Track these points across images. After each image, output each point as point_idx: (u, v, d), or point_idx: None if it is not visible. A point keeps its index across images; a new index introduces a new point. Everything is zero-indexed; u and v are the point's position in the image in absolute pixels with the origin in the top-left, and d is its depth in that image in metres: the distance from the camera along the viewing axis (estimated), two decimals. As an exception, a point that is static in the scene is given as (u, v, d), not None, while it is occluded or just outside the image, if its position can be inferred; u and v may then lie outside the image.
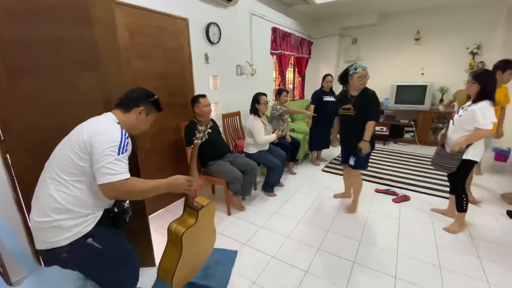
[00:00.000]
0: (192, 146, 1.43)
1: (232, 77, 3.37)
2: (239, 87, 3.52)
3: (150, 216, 2.37)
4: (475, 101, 1.91)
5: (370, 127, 2.14)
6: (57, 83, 1.34)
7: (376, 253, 1.93)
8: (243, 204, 2.57)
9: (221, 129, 3.04)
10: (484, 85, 1.86)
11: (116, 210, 1.24)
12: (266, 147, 2.84)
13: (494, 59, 4.49)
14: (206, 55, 2.83)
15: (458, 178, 2.09)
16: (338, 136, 2.58)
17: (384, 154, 4.35)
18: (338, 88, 3.02)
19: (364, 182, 3.19)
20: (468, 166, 2.02)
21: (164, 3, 2.30)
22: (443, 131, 2.19)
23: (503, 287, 1.61)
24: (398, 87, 4.93)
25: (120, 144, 1.07)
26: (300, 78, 5.69)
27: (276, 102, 3.34)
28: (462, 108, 2.03)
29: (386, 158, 4.13)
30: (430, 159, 2.30)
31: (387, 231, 2.19)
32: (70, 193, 1.05)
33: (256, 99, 2.78)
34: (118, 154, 1.05)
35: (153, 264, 1.81)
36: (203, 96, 2.34)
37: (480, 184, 3.04)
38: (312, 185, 3.14)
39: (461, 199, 2.10)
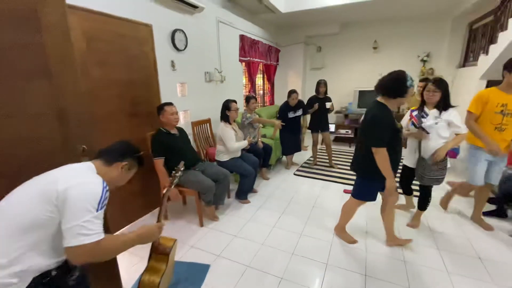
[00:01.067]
0: (168, 176, 1.36)
1: (200, 84, 3.32)
2: (209, 94, 3.48)
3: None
4: (443, 108, 1.98)
5: None
6: (-1, 94, 1.19)
7: (347, 253, 2.00)
8: (216, 214, 2.51)
9: (190, 137, 2.95)
10: (445, 91, 1.97)
11: (54, 273, 0.95)
12: (238, 154, 2.82)
13: (442, 66, 5.05)
14: (172, 62, 2.75)
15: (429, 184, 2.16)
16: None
17: (350, 156, 4.57)
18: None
19: (333, 183, 3.35)
20: None
21: (125, 9, 2.20)
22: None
23: (461, 275, 1.77)
24: (360, 92, 5.26)
25: (100, 198, 0.94)
26: (269, 85, 5.80)
27: (246, 109, 3.35)
28: (423, 116, 2.06)
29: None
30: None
31: (355, 230, 2.28)
32: (4, 251, 0.84)
33: (227, 106, 2.75)
34: (97, 211, 0.92)
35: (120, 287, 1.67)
36: (169, 104, 2.26)
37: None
38: (285, 189, 3.18)
39: (426, 200, 2.24)
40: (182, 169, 1.44)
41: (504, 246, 2.06)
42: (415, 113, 2.15)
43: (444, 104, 1.98)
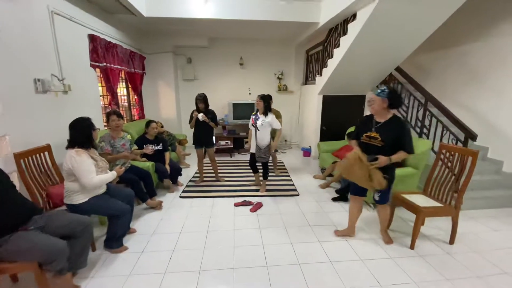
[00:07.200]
0: None
1: (28, 96, 2.29)
2: (45, 110, 2.47)
3: None
4: (265, 114, 3.16)
5: (401, 155, 1.96)
6: None
7: (250, 273, 1.91)
8: (76, 282, 1.76)
9: (15, 178, 1.96)
10: (265, 102, 3.16)
11: None
12: (102, 190, 2.14)
13: (292, 83, 6.15)
14: (-37, 62, 1.72)
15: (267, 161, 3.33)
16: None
17: (233, 166, 4.69)
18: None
19: (223, 198, 3.25)
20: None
21: None
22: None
23: (300, 241, 2.08)
24: (234, 105, 5.56)
25: None
26: (136, 96, 5.02)
27: (107, 127, 2.64)
28: (257, 119, 3.18)
29: (235, 169, 4.47)
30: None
31: (253, 245, 2.26)
32: None
33: (88, 126, 2.02)
34: None
35: None
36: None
37: (301, 175, 3.97)
38: (171, 219, 2.74)
39: (266, 172, 3.39)
40: None
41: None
42: (254, 117, 3.27)
43: (265, 111, 3.17)
